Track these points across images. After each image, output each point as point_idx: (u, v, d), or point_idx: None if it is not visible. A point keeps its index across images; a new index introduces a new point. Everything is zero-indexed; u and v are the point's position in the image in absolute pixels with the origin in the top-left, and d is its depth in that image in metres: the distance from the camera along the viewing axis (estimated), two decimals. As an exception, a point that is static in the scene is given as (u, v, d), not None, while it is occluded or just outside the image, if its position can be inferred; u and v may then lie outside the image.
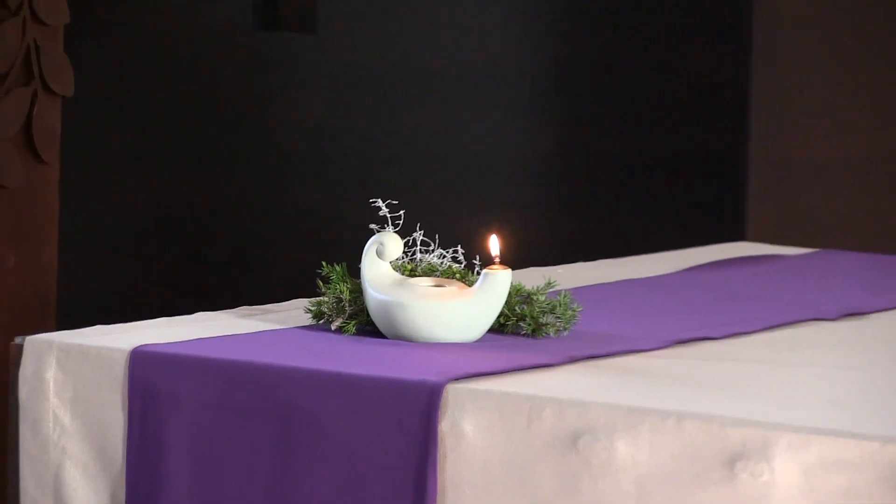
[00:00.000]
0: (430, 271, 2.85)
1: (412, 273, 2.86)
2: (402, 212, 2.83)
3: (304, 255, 3.70)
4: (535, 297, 2.87)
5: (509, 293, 2.80)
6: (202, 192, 6.03)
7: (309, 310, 2.95)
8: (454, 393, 2.53)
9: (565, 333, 2.84)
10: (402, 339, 2.81)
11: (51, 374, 2.74)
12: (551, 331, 2.83)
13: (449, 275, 2.85)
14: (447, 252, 2.96)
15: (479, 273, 2.81)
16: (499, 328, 2.85)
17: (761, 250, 4.39)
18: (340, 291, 2.88)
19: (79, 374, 2.77)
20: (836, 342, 3.13)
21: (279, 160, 5.97)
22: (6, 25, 4.00)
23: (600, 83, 5.61)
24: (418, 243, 2.95)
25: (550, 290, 2.90)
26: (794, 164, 5.75)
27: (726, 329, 3.11)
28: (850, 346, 3.13)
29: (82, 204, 5.66)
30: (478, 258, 2.88)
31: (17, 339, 2.88)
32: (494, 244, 2.83)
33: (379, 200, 2.84)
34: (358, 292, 2.85)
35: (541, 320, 2.84)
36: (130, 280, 5.89)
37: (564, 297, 2.90)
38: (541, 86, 5.70)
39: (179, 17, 6.04)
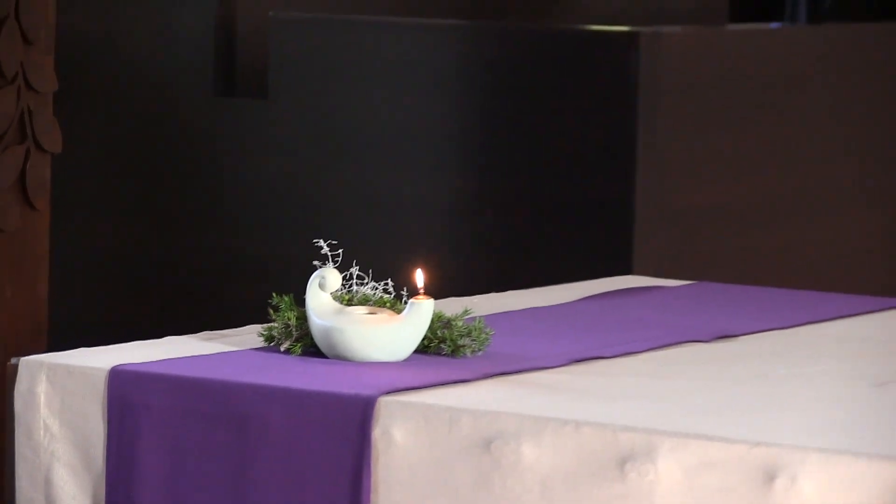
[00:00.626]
0: (364, 301, 2.85)
1: (349, 302, 2.85)
2: (340, 250, 2.86)
3: (258, 289, 3.68)
4: (454, 323, 2.87)
5: (432, 319, 2.81)
6: (173, 238, 6.01)
7: (262, 334, 2.93)
8: (385, 405, 2.53)
9: (480, 353, 2.84)
10: (341, 358, 2.80)
11: (42, 389, 2.76)
12: (468, 351, 2.84)
13: (380, 304, 2.86)
14: (379, 284, 2.95)
15: (406, 302, 2.83)
16: (423, 349, 2.83)
17: (646, 282, 4.41)
18: (288, 318, 2.88)
19: (65, 389, 2.78)
20: (711, 360, 3.12)
21: (238, 209, 5.92)
22: (3, 92, 3.97)
23: (511, 141, 5.58)
24: (354, 277, 2.94)
25: (467, 316, 2.88)
26: (674, 209, 5.72)
27: (617, 349, 3.15)
28: (723, 363, 3.16)
29: (69, 245, 5.60)
30: (405, 289, 2.94)
31: (13, 360, 2.89)
32: (419, 277, 2.83)
33: (321, 241, 2.90)
34: (303, 319, 2.84)
35: (458, 342, 2.84)
36: (110, 309, 5.85)
37: (479, 322, 2.90)
38: (460, 142, 5.67)
39: (150, 84, 6.00)
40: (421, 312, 2.78)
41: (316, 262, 2.87)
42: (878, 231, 6.61)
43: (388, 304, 2.83)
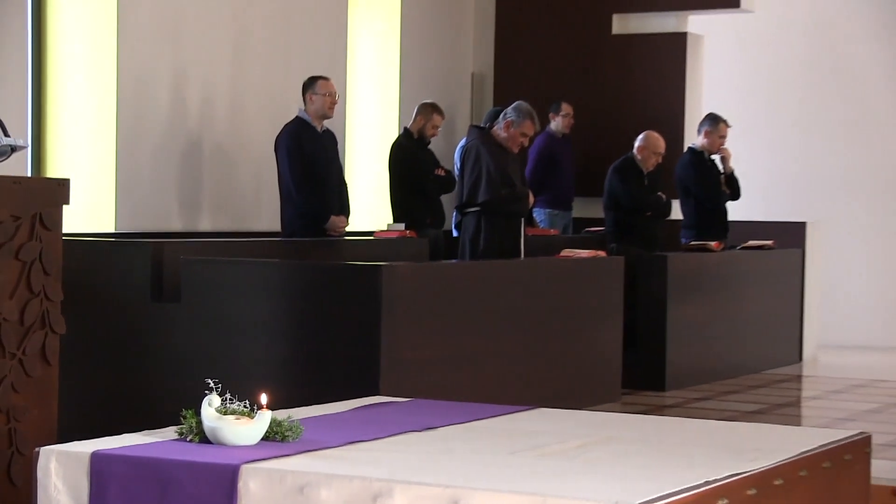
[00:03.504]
0: (233, 412, 3.59)
1: (225, 412, 3.59)
2: (220, 385, 3.63)
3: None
4: (282, 423, 3.62)
5: (270, 422, 3.57)
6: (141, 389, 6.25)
7: (176, 432, 3.65)
8: (245, 469, 3.29)
9: (296, 440, 3.59)
10: (220, 444, 3.54)
11: (52, 465, 3.45)
12: (290, 439, 3.61)
13: (242, 413, 3.60)
14: (241, 403, 3.64)
15: (256, 412, 3.56)
16: (265, 438, 3.57)
17: (386, 400, 4.83)
18: (192, 423, 3.60)
19: (67, 465, 3.46)
20: (421, 440, 3.80)
21: (169, 375, 6.38)
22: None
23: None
24: (227, 399, 3.62)
25: (290, 419, 3.63)
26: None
27: (371, 436, 3.74)
28: (427, 442, 3.77)
29: (74, 387, 5.70)
30: (256, 406, 3.59)
31: (36, 449, 3.59)
32: (264, 398, 3.59)
33: (211, 382, 3.63)
34: (199, 423, 3.55)
35: (285, 434, 3.61)
36: (93, 421, 5.92)
37: (296, 423, 3.66)
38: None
39: (101, 291, 6.34)
40: (264, 418, 3.61)
41: (206, 392, 3.61)
42: None
43: (245, 414, 3.63)
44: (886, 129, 11.86)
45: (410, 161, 9.34)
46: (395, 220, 9.32)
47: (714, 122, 9.53)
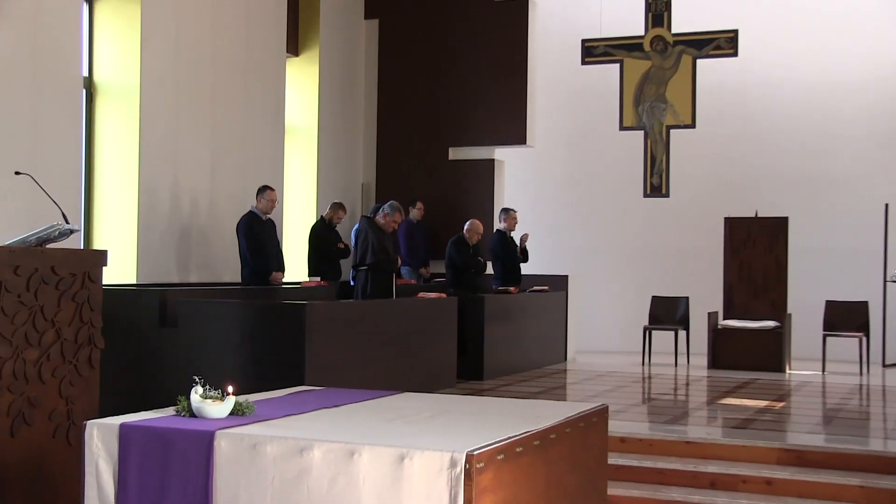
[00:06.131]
0: (210, 397, 3.90)
1: (206, 397, 3.89)
2: (202, 380, 3.98)
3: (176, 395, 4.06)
4: (242, 404, 4.01)
5: (235, 402, 3.92)
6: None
7: (174, 410, 3.95)
8: (218, 434, 3.60)
9: (251, 414, 3.92)
10: (202, 417, 3.84)
11: (95, 432, 3.82)
12: (247, 413, 3.96)
13: (217, 398, 3.90)
14: (216, 391, 3.94)
15: (225, 396, 3.86)
16: (231, 414, 3.92)
17: (309, 388, 5.08)
18: (183, 405, 3.95)
19: (105, 436, 3.80)
20: (334, 413, 4.15)
21: (169, 374, 7.38)
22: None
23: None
24: (207, 389, 3.94)
25: (247, 402, 3.99)
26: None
27: (300, 410, 4.09)
28: (339, 413, 4.14)
29: (108, 382, 5.39)
30: (225, 393, 3.94)
31: (84, 422, 3.86)
32: (230, 388, 3.93)
33: (197, 378, 3.96)
34: (189, 404, 3.92)
35: (244, 410, 3.99)
36: (120, 404, 5.58)
37: (250, 404, 4.02)
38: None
39: (126, 321, 5.73)
40: (230, 401, 3.85)
41: (193, 384, 3.92)
42: None
43: (218, 398, 3.81)
44: (616, 215, 14.17)
45: (323, 238, 10.85)
46: (312, 275, 10.63)
47: (507, 212, 11.45)
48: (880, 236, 11.68)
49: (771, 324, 10.77)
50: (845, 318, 10.96)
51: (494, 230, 11.58)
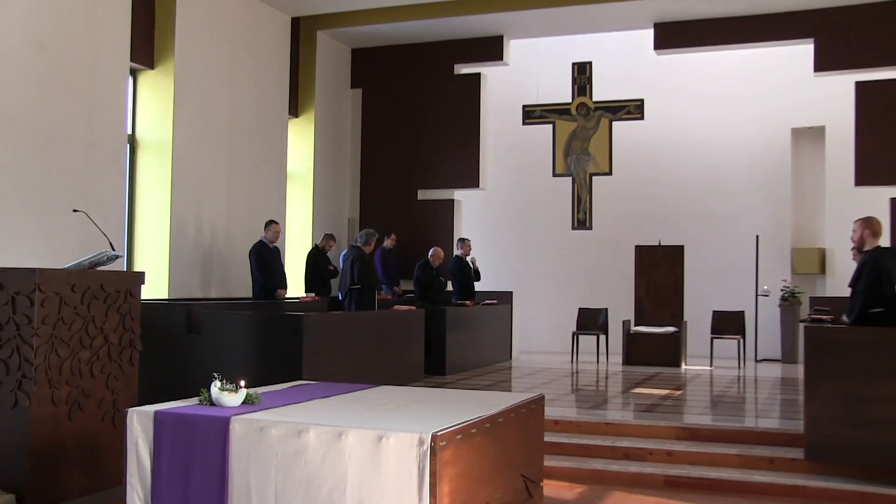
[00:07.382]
0: (227, 389, 3.81)
1: (223, 389, 3.79)
2: (220, 376, 3.84)
3: (199, 388, 3.90)
4: (252, 395, 3.87)
5: (247, 393, 3.76)
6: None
7: (198, 400, 3.85)
8: (233, 419, 3.51)
9: (259, 403, 3.81)
10: (220, 406, 3.74)
11: (135, 418, 3.69)
12: (256, 402, 3.82)
13: (231, 390, 3.79)
14: (231, 385, 3.81)
15: (238, 388, 3.76)
16: (244, 403, 3.82)
17: (305, 382, 4.88)
18: (205, 395, 3.84)
19: (142, 420, 3.69)
20: (327, 402, 4.01)
21: (194, 372, 7.08)
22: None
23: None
24: (224, 383, 3.82)
25: (256, 393, 3.87)
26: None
27: (298, 400, 4.00)
28: (330, 402, 4.01)
29: (145, 379, 5.29)
30: (238, 386, 3.83)
31: (126, 409, 3.76)
32: (242, 383, 3.82)
33: (216, 375, 3.82)
34: (209, 395, 3.81)
35: (254, 400, 3.85)
36: (155, 396, 5.45)
37: (258, 395, 3.92)
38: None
39: (159, 328, 5.65)
40: (242, 392, 3.76)
41: (213, 379, 3.83)
42: None
43: (233, 390, 3.77)
44: (550, 243, 13.89)
45: (317, 262, 10.61)
46: (308, 291, 10.42)
47: (463, 241, 11.21)
48: (753, 260, 11.79)
49: (671, 329, 10.73)
50: (727, 323, 11.04)
51: (454, 255, 11.44)
